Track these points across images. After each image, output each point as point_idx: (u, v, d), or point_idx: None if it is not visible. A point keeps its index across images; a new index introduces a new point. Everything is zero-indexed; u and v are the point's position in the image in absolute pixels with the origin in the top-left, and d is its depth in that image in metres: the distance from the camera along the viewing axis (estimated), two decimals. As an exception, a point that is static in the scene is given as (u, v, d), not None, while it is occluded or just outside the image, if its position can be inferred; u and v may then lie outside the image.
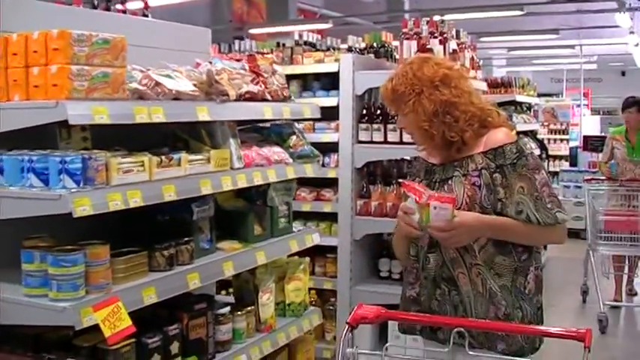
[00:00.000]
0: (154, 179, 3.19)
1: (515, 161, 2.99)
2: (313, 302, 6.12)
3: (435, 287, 3.04)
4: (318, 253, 6.34)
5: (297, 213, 6.24)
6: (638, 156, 8.80)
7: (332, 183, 6.16)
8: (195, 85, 3.53)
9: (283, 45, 6.90)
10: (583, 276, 8.69)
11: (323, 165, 6.07)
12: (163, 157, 3.26)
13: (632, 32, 16.00)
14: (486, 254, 2.96)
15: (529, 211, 2.94)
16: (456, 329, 2.54)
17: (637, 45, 18.30)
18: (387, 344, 2.74)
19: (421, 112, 3.03)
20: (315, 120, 5.90)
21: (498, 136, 3.05)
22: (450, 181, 3.07)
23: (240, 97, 3.73)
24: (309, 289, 6.25)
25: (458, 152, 3.07)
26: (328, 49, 6.87)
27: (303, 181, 5.84)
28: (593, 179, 8.79)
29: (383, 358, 2.67)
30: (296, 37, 7.10)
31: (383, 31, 7.17)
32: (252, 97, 3.81)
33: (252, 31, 13.64)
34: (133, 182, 3.09)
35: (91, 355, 3.05)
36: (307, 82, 6.55)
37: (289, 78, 6.48)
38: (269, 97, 3.94)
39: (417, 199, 2.87)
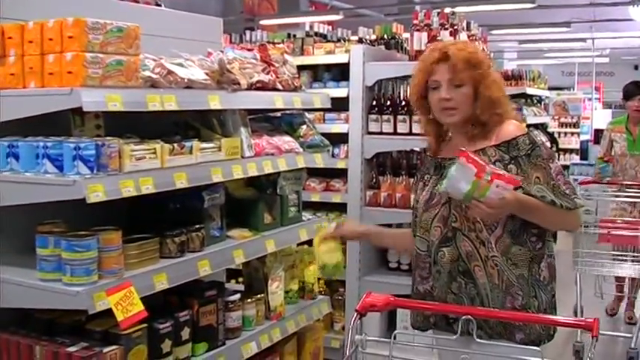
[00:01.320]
0: (166, 166, 3.24)
1: (529, 152, 2.98)
2: (322, 292, 6.16)
3: (450, 281, 3.03)
4: (327, 243, 6.37)
5: (307, 203, 6.26)
6: None
7: (341, 173, 6.17)
8: (207, 73, 3.57)
9: (294, 36, 6.91)
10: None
11: (333, 155, 6.06)
12: (175, 145, 3.30)
13: (645, 26, 15.95)
14: (503, 245, 2.95)
15: (550, 196, 2.94)
16: (464, 317, 2.58)
17: (649, 39, 18.27)
18: (396, 332, 2.78)
19: (496, 82, 3.06)
20: (325, 110, 5.92)
21: (510, 129, 3.04)
22: None
23: (252, 87, 3.76)
24: (318, 279, 6.31)
25: (473, 140, 3.05)
26: (339, 40, 6.87)
27: (312, 172, 5.87)
28: (590, 182, 7.26)
29: (391, 345, 2.71)
30: (307, 28, 7.13)
31: (393, 22, 7.18)
32: (263, 87, 3.85)
33: (263, 22, 13.66)
34: (145, 169, 3.13)
35: (103, 340, 3.08)
36: (318, 73, 6.56)
37: (300, 69, 6.50)
38: (280, 87, 3.98)
39: (478, 173, 2.76)
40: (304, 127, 4.24)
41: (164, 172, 3.22)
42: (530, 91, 9.58)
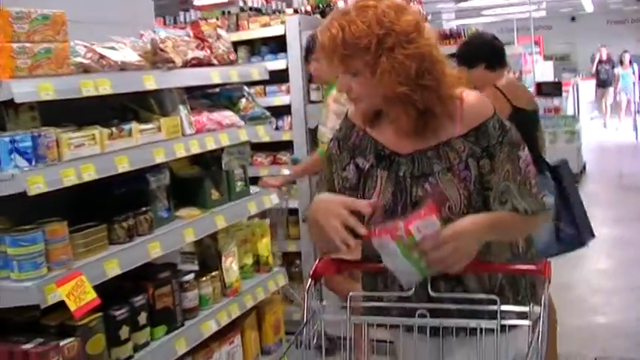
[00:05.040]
0: (106, 151, 3.20)
1: (501, 139, 2.50)
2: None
3: (431, 287, 2.52)
4: (280, 216, 6.36)
5: (256, 179, 6.24)
6: None
7: (287, 146, 6.17)
8: (140, 55, 3.52)
9: (229, 12, 6.86)
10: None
11: (277, 128, 6.07)
12: (114, 129, 3.26)
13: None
14: (484, 249, 2.51)
15: (514, 200, 2.49)
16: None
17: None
18: (351, 293, 2.75)
19: (396, 72, 2.38)
20: (265, 84, 5.90)
21: (474, 109, 2.52)
22: (431, 179, 2.51)
23: (187, 64, 3.71)
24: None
25: (430, 132, 2.51)
26: (274, 13, 6.84)
27: (258, 147, 5.85)
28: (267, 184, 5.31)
29: (349, 309, 2.70)
30: (240, 3, 7.07)
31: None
32: (198, 63, 3.80)
33: (197, 2, 13.49)
34: (85, 156, 3.08)
35: (60, 333, 3.02)
36: (255, 48, 6.53)
37: (236, 44, 6.45)
38: (215, 62, 3.93)
39: (392, 235, 2.28)
40: (244, 100, 4.20)
41: (105, 157, 3.18)
42: (469, 48, 9.56)
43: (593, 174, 13.52)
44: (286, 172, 5.82)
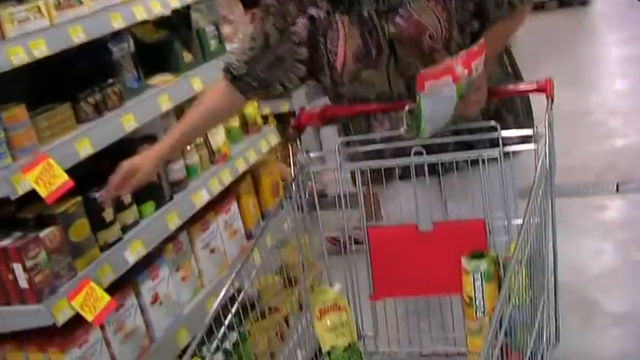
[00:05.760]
0: (56, 23, 2.91)
1: None
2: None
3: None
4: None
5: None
6: None
7: None
8: None
9: None
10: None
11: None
12: (60, -2, 2.98)
13: None
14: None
15: None
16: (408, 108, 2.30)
17: None
18: (340, 139, 2.58)
19: None
20: None
21: None
22: (401, 10, 2.34)
23: None
24: (265, 116, 6.07)
25: None
26: None
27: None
28: None
29: (338, 157, 2.54)
30: None
31: None
32: None
33: None
34: (32, 31, 2.80)
35: (38, 224, 2.82)
36: None
37: None
38: None
39: (455, 78, 2.05)
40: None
41: (55, 29, 2.89)
42: None
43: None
44: None
